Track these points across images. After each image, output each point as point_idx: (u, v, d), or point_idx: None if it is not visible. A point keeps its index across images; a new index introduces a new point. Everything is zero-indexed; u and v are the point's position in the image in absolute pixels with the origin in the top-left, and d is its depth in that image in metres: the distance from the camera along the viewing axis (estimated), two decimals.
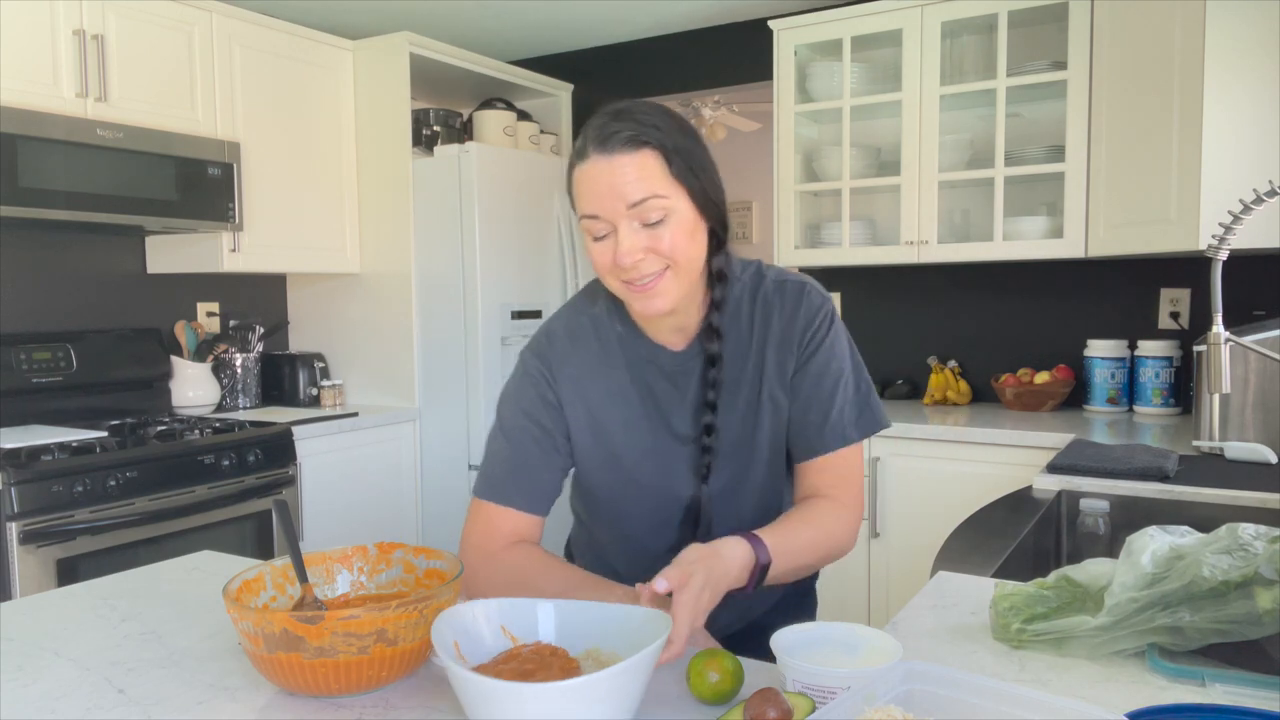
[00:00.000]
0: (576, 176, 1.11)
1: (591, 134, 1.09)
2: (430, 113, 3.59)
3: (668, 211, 1.08)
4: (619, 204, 1.07)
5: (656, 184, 1.07)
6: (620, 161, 1.07)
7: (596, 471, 1.26)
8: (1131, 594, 0.95)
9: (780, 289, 1.22)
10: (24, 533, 2.20)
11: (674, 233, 1.09)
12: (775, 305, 1.22)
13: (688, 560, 0.98)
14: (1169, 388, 2.79)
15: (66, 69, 2.54)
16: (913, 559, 2.69)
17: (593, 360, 1.24)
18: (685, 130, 1.12)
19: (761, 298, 1.22)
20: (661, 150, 1.08)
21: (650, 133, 1.08)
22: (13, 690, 0.96)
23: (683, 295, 1.14)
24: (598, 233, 1.10)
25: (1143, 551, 0.99)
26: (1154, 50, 2.40)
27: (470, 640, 0.91)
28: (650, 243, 1.08)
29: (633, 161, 1.07)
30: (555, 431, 1.23)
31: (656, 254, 1.09)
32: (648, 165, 1.07)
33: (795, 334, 1.20)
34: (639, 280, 1.10)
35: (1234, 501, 1.72)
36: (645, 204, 1.07)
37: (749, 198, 7.35)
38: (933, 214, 2.94)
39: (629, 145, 1.07)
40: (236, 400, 3.26)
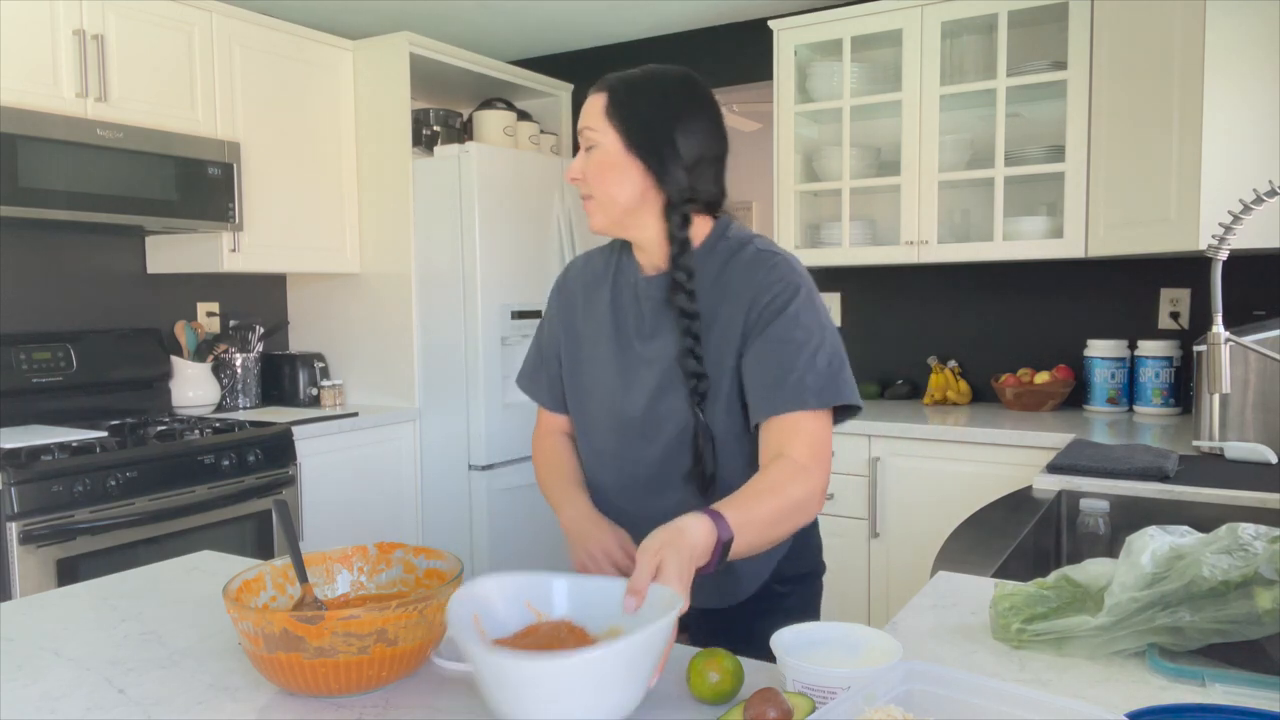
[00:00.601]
0: None
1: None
2: (430, 113, 3.59)
3: (594, 144, 1.26)
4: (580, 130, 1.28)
5: (594, 119, 1.26)
6: (589, 99, 1.28)
7: (569, 377, 1.41)
8: (1131, 594, 0.95)
9: (756, 256, 1.27)
10: (24, 533, 2.20)
11: (595, 164, 1.26)
12: (744, 269, 1.27)
13: (653, 549, 0.97)
14: (1169, 388, 2.79)
15: (66, 69, 2.54)
16: (913, 559, 2.69)
17: (593, 276, 1.40)
18: (662, 94, 1.26)
19: (737, 260, 1.28)
20: (610, 93, 1.26)
21: (613, 79, 1.27)
22: (13, 690, 0.96)
23: (612, 223, 1.29)
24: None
25: (1143, 551, 0.99)
26: (1154, 50, 2.40)
27: (489, 616, 0.92)
28: (584, 168, 1.27)
29: (592, 98, 1.27)
30: (556, 339, 1.43)
31: (585, 180, 1.27)
32: (596, 102, 1.26)
33: (750, 296, 1.24)
34: (582, 198, 1.30)
35: (1234, 501, 1.72)
36: (582, 132, 1.27)
37: (749, 198, 7.35)
38: (933, 214, 2.94)
39: (596, 88, 1.28)
40: (236, 400, 3.26)
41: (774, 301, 1.22)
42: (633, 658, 0.79)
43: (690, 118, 1.26)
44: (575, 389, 1.39)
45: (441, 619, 0.96)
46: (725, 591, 1.33)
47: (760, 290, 1.23)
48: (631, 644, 0.79)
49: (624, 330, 1.33)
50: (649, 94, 1.25)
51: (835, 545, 2.83)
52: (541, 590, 0.97)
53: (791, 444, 1.19)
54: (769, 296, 1.23)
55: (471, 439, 3.22)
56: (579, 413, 1.40)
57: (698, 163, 1.26)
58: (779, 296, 1.22)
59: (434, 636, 0.96)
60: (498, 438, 3.25)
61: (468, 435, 3.23)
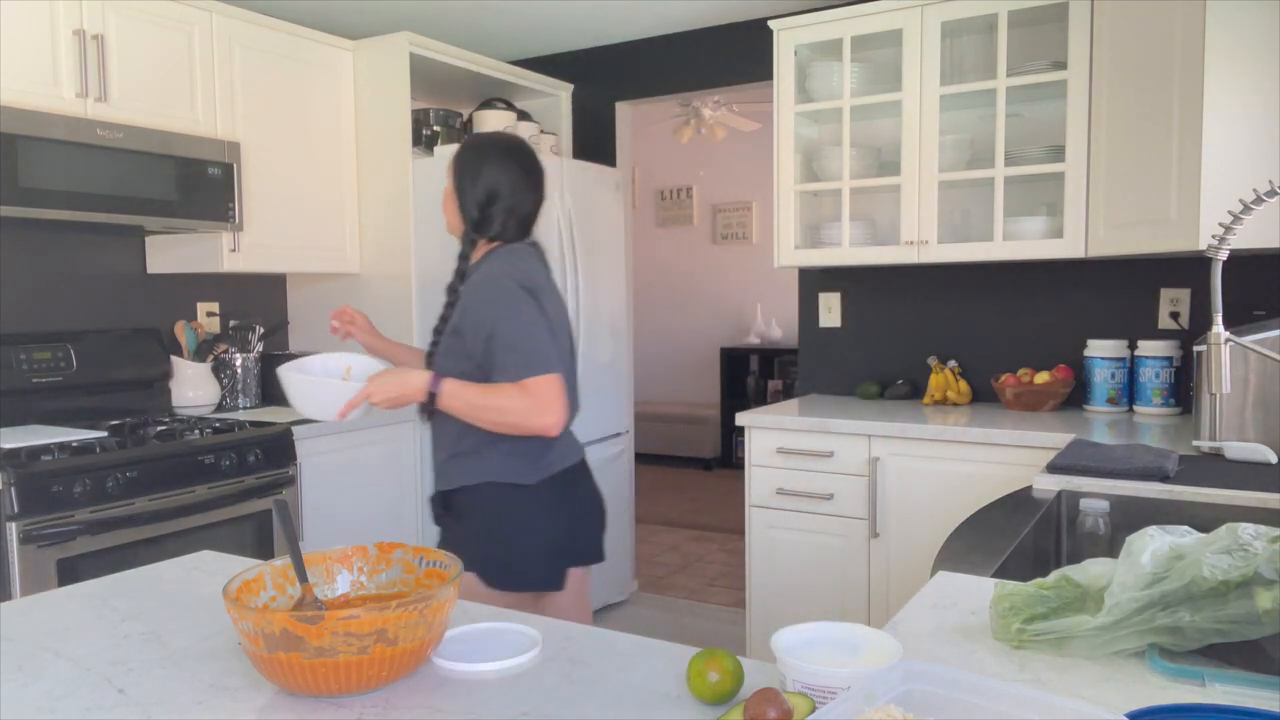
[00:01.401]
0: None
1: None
2: (430, 113, 3.59)
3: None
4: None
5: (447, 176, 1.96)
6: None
7: None
8: (1132, 594, 0.95)
9: (477, 275, 1.86)
10: (24, 533, 2.20)
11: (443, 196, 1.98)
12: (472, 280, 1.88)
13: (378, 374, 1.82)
14: (1169, 388, 2.79)
15: (66, 69, 2.54)
16: (913, 559, 2.69)
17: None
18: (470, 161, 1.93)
19: (478, 272, 1.86)
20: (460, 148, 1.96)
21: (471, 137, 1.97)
22: (13, 690, 0.96)
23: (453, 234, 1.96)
24: None
25: (1143, 551, 0.99)
26: (1154, 50, 2.40)
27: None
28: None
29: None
30: None
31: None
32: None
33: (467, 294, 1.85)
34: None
35: (1234, 501, 1.72)
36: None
37: (749, 198, 7.35)
38: (933, 214, 2.94)
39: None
40: (236, 400, 3.26)
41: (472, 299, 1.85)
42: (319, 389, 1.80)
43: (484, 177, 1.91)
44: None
45: (442, 619, 0.96)
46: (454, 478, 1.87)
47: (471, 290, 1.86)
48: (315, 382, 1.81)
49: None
50: (462, 167, 1.93)
51: (835, 545, 2.83)
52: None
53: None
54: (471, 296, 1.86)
55: None
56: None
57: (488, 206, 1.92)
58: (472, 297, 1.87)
59: (434, 636, 0.96)
60: None
61: None
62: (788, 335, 7.02)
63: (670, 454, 7.11)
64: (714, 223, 7.44)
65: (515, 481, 1.82)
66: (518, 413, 1.72)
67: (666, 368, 7.66)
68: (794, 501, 2.89)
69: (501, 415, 1.73)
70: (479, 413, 1.74)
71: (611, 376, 3.84)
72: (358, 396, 1.76)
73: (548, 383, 1.73)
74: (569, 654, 1.02)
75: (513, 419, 1.73)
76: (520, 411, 1.72)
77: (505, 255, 1.86)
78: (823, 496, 2.83)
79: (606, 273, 3.77)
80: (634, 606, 3.99)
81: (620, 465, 3.93)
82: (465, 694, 0.93)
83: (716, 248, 7.46)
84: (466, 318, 1.80)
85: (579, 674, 0.97)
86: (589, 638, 1.07)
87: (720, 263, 7.45)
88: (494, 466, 1.82)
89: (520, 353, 1.74)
